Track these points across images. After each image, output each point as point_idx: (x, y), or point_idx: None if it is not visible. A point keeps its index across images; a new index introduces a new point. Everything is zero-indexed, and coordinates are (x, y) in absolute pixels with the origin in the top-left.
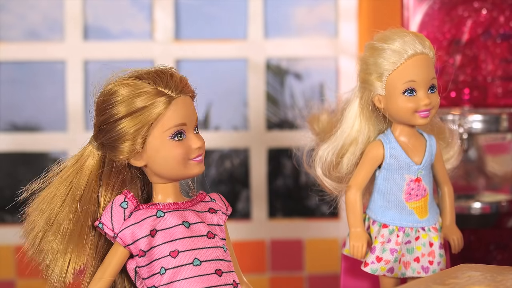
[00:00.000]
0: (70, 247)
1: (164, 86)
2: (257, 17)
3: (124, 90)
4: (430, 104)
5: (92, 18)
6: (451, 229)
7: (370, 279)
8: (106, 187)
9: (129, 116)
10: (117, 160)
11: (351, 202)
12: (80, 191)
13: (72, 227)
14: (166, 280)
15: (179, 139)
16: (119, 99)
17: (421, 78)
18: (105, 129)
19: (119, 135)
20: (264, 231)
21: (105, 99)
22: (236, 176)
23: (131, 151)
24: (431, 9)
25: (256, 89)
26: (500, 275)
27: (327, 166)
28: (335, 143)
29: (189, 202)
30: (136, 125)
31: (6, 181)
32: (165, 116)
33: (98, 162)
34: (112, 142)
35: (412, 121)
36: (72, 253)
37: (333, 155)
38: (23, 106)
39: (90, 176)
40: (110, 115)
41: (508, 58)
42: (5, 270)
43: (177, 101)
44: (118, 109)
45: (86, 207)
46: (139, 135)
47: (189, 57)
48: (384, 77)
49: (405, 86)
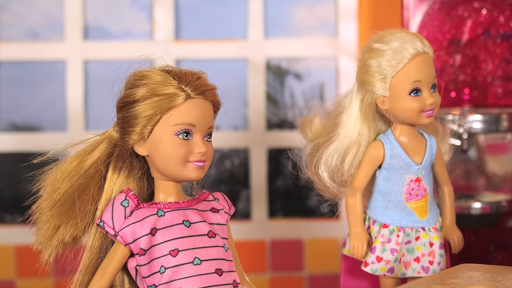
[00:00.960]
0: (56, 215)
1: (186, 84)
2: (257, 17)
3: (152, 76)
4: (434, 103)
5: (92, 18)
6: (451, 229)
7: (370, 279)
8: (113, 170)
9: (146, 100)
10: (123, 143)
11: (351, 202)
12: (85, 167)
13: (65, 197)
14: (166, 279)
15: (184, 138)
16: (144, 82)
17: (425, 78)
18: (123, 108)
19: (132, 117)
20: (264, 231)
21: (133, 79)
22: (236, 176)
23: (139, 136)
24: (431, 9)
25: (256, 89)
26: (500, 275)
27: (332, 171)
28: (339, 148)
29: (191, 201)
30: (150, 110)
31: (6, 181)
32: (177, 111)
33: (112, 145)
34: (124, 123)
35: (418, 121)
36: (60, 223)
37: (337, 159)
38: (23, 106)
39: (100, 156)
40: (130, 94)
41: (508, 58)
42: (5, 270)
43: (193, 101)
44: (139, 91)
45: (86, 182)
46: (150, 122)
47: (189, 57)
48: (388, 79)
49: (412, 87)
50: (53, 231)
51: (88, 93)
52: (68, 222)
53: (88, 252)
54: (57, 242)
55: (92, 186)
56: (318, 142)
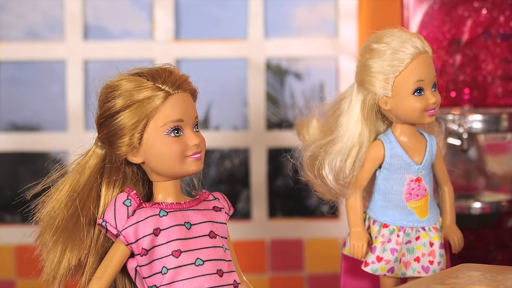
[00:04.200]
0: (61, 240)
1: (161, 82)
2: (257, 17)
3: (124, 84)
4: (436, 102)
5: (92, 18)
6: (451, 229)
7: (370, 279)
8: (107, 185)
9: (127, 109)
10: (115, 156)
11: (351, 202)
12: (79, 187)
13: (65, 222)
14: (167, 280)
15: (176, 135)
16: (119, 93)
17: (427, 77)
18: (104, 123)
19: (117, 129)
20: (264, 231)
21: (106, 92)
22: (236, 176)
23: (129, 146)
24: (431, 9)
25: (256, 89)
26: (500, 275)
27: (336, 173)
28: (342, 149)
29: (191, 201)
30: (134, 118)
31: (6, 181)
32: (161, 111)
33: (100, 161)
34: (110, 137)
35: (421, 120)
36: (65, 247)
37: (341, 161)
38: (23, 106)
39: (91, 174)
40: (109, 108)
41: (508, 58)
42: (5, 270)
43: (174, 97)
44: (117, 102)
45: (83, 201)
46: (137, 130)
47: (189, 57)
48: (391, 79)
49: (415, 86)
50: (60, 257)
51: (88, 93)
52: (72, 246)
53: (92, 258)
54: (64, 268)
55: (90, 205)
56: (320, 144)
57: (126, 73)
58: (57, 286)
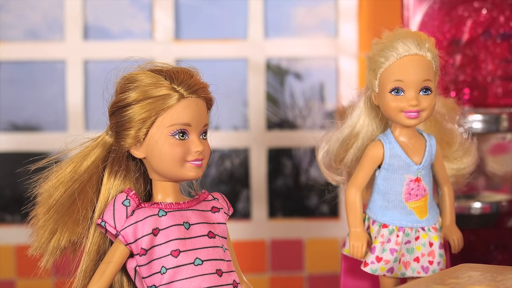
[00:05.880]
0: (53, 219)
1: (178, 84)
2: (257, 17)
3: (141, 78)
4: (418, 106)
5: (92, 18)
6: (451, 229)
7: (370, 279)
8: (109, 174)
9: (139, 103)
10: (119, 147)
11: (351, 202)
12: (80, 172)
13: (61, 201)
14: (166, 279)
15: (181, 138)
16: (134, 86)
17: (409, 79)
18: (115, 112)
19: (126, 121)
20: (264, 231)
21: (123, 83)
22: (236, 176)
23: (134, 139)
24: (431, 9)
25: (256, 89)
26: (500, 275)
27: (329, 157)
28: (339, 134)
29: (190, 202)
30: (143, 113)
31: (6, 181)
32: (171, 112)
33: (107, 148)
34: (118, 127)
35: (400, 120)
36: (57, 226)
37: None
38: (23, 106)
39: (95, 160)
40: (122, 98)
41: (508, 58)
42: (5, 270)
43: (187, 100)
44: (130, 94)
45: (83, 185)
46: (144, 125)
47: (189, 57)
48: (378, 75)
49: (392, 85)
50: (49, 236)
51: (88, 93)
52: (64, 227)
53: (86, 256)
54: (52, 247)
55: (88, 190)
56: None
57: (147, 68)
58: (44, 263)
